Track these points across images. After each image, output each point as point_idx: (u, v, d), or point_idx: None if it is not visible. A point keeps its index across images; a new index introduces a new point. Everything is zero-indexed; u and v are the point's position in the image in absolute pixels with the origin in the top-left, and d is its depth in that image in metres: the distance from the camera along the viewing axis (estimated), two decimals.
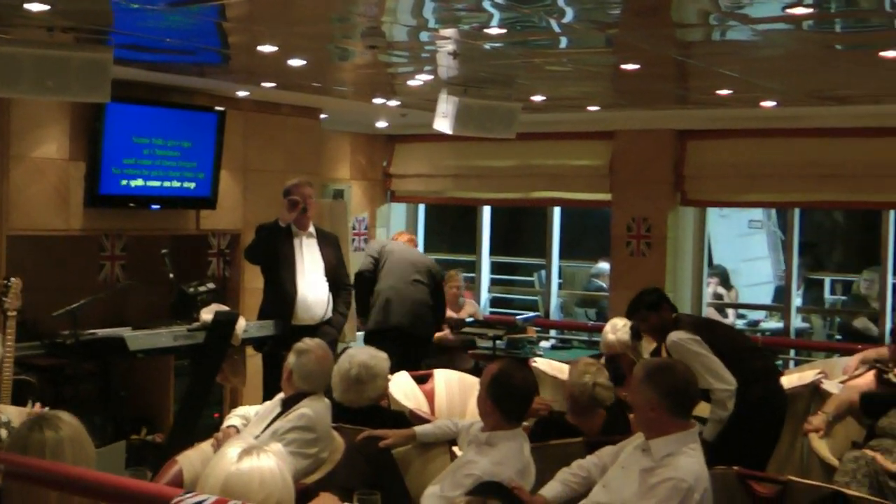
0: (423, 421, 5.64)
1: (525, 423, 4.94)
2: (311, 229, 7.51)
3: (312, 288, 7.38)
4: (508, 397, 4.60)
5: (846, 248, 14.70)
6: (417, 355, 8.06)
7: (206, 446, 4.98)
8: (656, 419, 4.13)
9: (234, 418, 5.24)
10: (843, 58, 6.52)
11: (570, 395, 5.45)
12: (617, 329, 7.01)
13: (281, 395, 5.14)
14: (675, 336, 5.79)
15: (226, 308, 7.25)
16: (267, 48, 6.30)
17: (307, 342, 5.18)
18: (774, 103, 8.52)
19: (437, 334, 8.63)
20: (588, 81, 7.98)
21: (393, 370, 5.81)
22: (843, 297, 12.61)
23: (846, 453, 5.54)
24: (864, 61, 6.53)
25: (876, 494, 5.16)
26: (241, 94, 8.64)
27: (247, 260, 7.71)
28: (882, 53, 6.02)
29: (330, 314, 7.47)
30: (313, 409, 4.90)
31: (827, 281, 13.33)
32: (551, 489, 4.41)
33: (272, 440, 4.62)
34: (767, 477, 4.64)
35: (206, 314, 6.99)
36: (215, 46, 6.68)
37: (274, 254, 7.31)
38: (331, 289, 7.50)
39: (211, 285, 7.32)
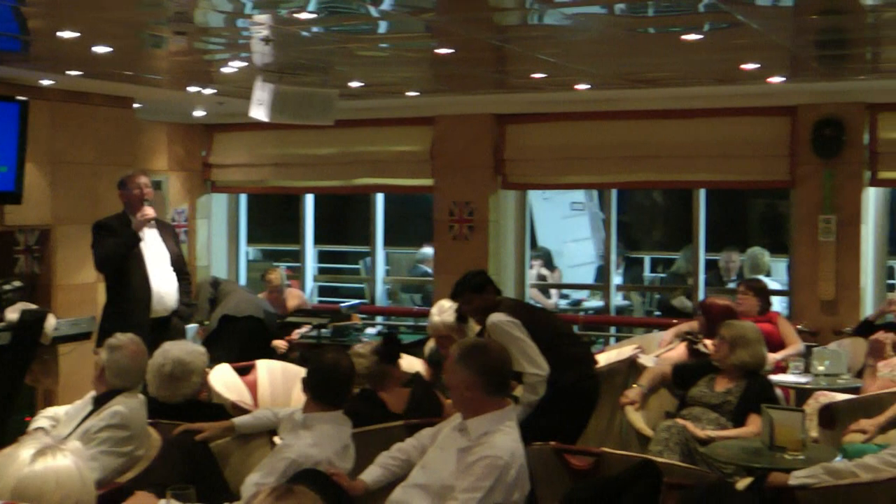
0: (245, 413, 5.54)
1: None
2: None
3: (162, 279, 7.18)
4: (325, 384, 4.59)
5: (666, 227, 15.15)
6: None
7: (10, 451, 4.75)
8: (472, 398, 4.16)
9: (41, 420, 5.04)
10: (650, 41, 6.71)
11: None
12: (443, 311, 7.01)
13: (92, 393, 4.96)
14: (495, 318, 5.84)
15: (34, 306, 6.96)
16: (68, 34, 6.06)
17: (119, 337, 5.01)
18: (588, 86, 8.71)
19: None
20: (406, 67, 7.99)
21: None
22: (663, 275, 13.01)
23: (659, 423, 5.74)
24: (669, 44, 6.74)
25: (687, 460, 5.40)
26: (46, 82, 8.30)
27: (100, 271, 7.33)
28: (684, 37, 6.22)
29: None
30: (127, 405, 4.74)
31: (647, 259, 13.76)
32: (371, 473, 4.40)
33: (83, 440, 4.51)
34: (582, 450, 4.75)
35: (12, 313, 6.71)
36: (13, 32, 6.39)
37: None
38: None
39: (17, 283, 7.03)
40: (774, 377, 7.01)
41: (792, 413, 5.21)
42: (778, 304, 9.32)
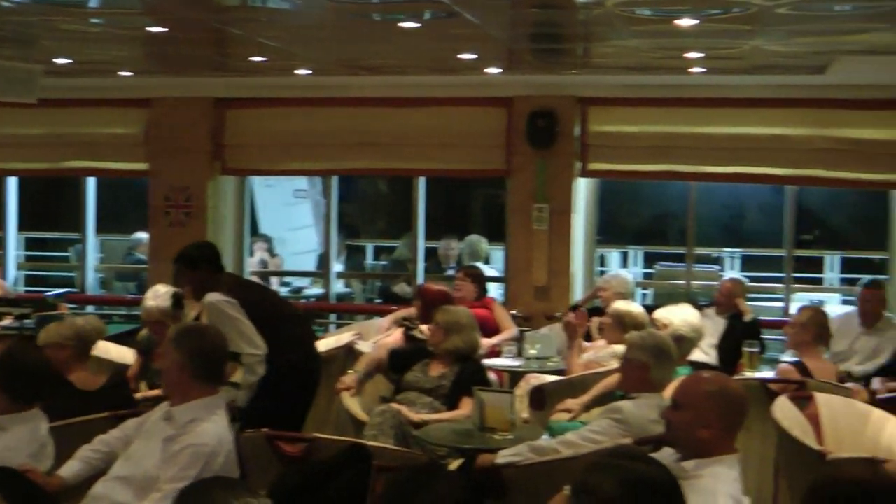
0: None
1: None
2: None
3: None
4: (17, 379, 4.29)
5: (389, 215, 15.30)
6: None
7: None
8: (180, 382, 4.01)
9: None
10: (369, 28, 6.71)
11: None
12: (158, 295, 6.72)
13: None
14: (212, 297, 5.66)
15: None
16: None
17: None
18: (309, 72, 8.64)
19: None
20: (118, 45, 7.63)
21: None
22: (385, 263, 13.13)
23: (374, 408, 5.75)
24: (387, 32, 6.76)
25: (401, 444, 5.45)
26: None
27: None
28: (402, 25, 6.25)
29: None
30: None
31: (370, 247, 13.85)
32: (70, 468, 4.16)
33: None
34: (294, 436, 4.69)
35: None
36: None
37: None
38: None
39: None
40: (488, 361, 7.20)
41: (501, 395, 5.35)
42: (494, 291, 9.58)
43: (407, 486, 3.16)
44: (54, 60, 8.04)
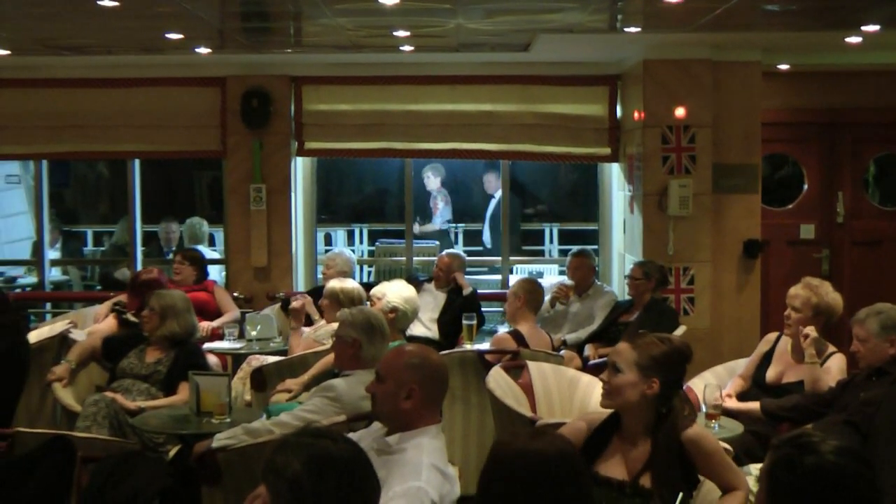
0: None
1: None
2: None
3: None
4: None
5: (110, 200, 14.78)
6: None
7: None
8: None
9: None
10: (67, 6, 6.45)
11: None
12: None
13: None
14: None
15: None
16: None
17: None
18: (7, 52, 8.22)
19: None
20: None
21: None
22: (103, 248, 12.71)
23: (87, 398, 5.58)
24: (87, 11, 6.51)
25: (117, 433, 5.33)
26: None
27: None
28: (101, 3, 6.04)
29: None
30: None
31: (89, 233, 13.37)
32: None
33: None
34: None
35: None
36: None
37: None
38: None
39: None
40: (210, 344, 7.15)
41: (217, 378, 5.31)
42: (215, 273, 9.47)
43: (109, 475, 3.11)
44: None
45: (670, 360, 3.53)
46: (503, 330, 7.00)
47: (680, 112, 8.05)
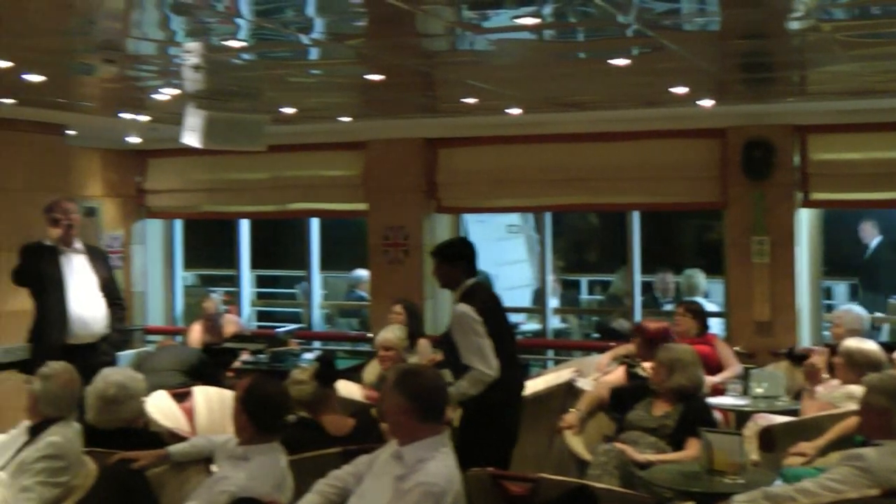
0: (183, 440, 5.45)
1: None
2: (79, 245, 7.25)
3: (87, 305, 7.16)
4: (262, 410, 4.54)
5: (601, 249, 15.20)
6: None
7: None
8: (406, 424, 4.13)
9: None
10: (578, 66, 6.77)
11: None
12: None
13: (27, 423, 4.93)
14: (463, 308, 5.80)
15: None
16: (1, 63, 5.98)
17: (52, 366, 5.03)
18: (519, 111, 8.74)
19: None
20: (336, 92, 7.98)
21: None
22: (600, 297, 13.05)
23: (597, 447, 5.72)
24: (596, 69, 6.78)
25: (626, 485, 5.38)
26: None
27: (14, 283, 7.31)
28: (611, 61, 6.27)
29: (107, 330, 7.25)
30: (62, 435, 4.77)
31: (584, 281, 13.77)
32: (309, 501, 4.34)
33: (19, 471, 4.60)
34: (520, 476, 4.72)
35: None
36: None
37: (39, 274, 7.06)
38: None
39: None
40: (713, 400, 7.03)
41: (730, 437, 5.23)
42: (715, 326, 9.38)
43: None
44: (280, 109, 8.45)
45: None
46: None
47: None
